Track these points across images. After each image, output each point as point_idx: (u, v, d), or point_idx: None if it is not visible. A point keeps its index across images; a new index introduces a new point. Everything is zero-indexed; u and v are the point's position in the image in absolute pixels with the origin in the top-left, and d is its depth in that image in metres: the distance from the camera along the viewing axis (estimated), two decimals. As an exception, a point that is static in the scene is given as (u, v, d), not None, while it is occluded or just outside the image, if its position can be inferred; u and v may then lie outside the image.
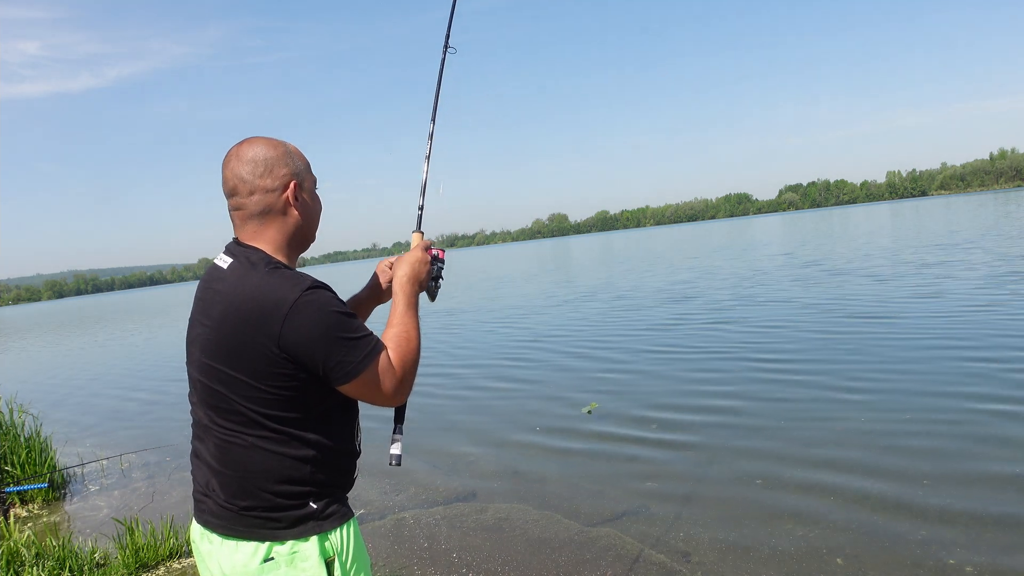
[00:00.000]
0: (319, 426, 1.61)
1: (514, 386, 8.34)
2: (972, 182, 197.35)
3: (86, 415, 10.03)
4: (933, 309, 9.97)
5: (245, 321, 1.51)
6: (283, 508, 1.57)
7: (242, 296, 1.53)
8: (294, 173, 1.67)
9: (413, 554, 4.14)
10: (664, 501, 4.48)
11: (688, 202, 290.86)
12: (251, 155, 1.64)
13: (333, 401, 1.63)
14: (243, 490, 1.57)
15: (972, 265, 14.54)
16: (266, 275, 1.55)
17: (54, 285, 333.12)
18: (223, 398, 1.56)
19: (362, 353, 1.57)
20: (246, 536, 1.56)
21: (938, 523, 3.74)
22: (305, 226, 1.72)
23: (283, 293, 1.51)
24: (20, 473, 6.00)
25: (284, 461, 1.57)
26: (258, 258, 1.60)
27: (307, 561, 1.56)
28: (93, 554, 4.22)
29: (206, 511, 1.62)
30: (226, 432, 1.58)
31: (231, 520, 1.58)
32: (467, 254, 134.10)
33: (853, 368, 7.11)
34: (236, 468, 1.58)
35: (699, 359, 8.53)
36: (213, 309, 1.57)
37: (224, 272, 1.60)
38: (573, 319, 13.84)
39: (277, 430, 1.56)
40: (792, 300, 12.62)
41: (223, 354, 1.55)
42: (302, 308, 1.51)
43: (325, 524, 1.60)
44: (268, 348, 1.50)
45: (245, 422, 1.56)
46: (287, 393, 1.54)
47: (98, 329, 31.59)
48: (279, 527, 1.56)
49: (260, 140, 1.67)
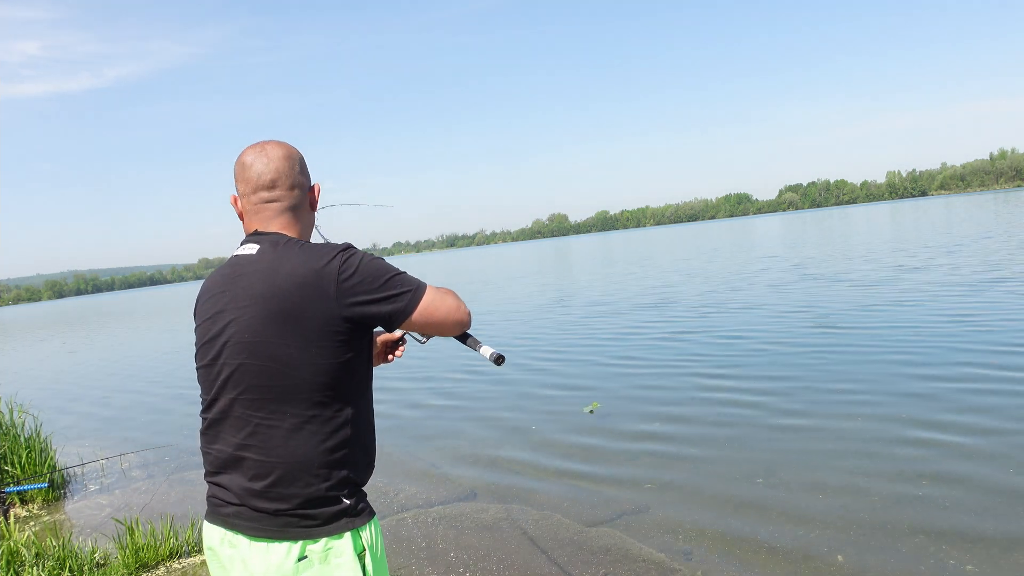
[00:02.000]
0: (355, 401, 1.65)
1: (514, 387, 8.34)
2: (972, 182, 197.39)
3: (86, 415, 10.03)
4: (921, 314, 9.96)
5: (301, 286, 1.56)
6: (320, 502, 1.57)
7: (290, 265, 1.59)
8: (308, 180, 1.81)
9: (412, 554, 4.14)
10: (664, 501, 4.48)
11: (688, 202, 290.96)
12: (285, 152, 1.74)
13: (366, 373, 1.70)
14: (285, 480, 1.56)
15: (954, 268, 14.54)
16: (304, 247, 1.64)
17: (54, 285, 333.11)
18: (273, 373, 1.57)
19: (414, 281, 1.67)
20: (279, 537, 1.55)
21: (938, 523, 3.74)
22: (310, 224, 1.83)
23: (328, 256, 1.60)
24: (20, 473, 6.01)
25: (326, 442, 1.58)
26: (288, 238, 1.69)
27: (341, 556, 1.57)
28: (93, 554, 4.22)
29: (232, 513, 1.60)
30: (270, 416, 1.57)
31: (264, 521, 1.56)
32: (467, 254, 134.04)
33: (853, 369, 7.11)
34: (279, 454, 1.56)
35: (700, 359, 8.52)
36: (254, 288, 1.60)
37: (255, 256, 1.65)
38: (556, 323, 13.84)
39: (321, 403, 1.58)
40: (777, 304, 12.62)
41: (276, 324, 1.56)
42: (350, 263, 1.60)
43: (357, 520, 1.61)
44: (326, 306, 1.56)
45: (293, 399, 1.57)
46: (338, 358, 1.59)
47: (98, 329, 31.59)
48: (313, 525, 1.56)
49: (279, 142, 1.76)
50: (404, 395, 8.45)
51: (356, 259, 1.62)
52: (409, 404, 7.99)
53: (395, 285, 1.63)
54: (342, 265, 1.59)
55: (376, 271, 1.62)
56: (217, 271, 1.71)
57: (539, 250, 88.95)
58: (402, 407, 7.89)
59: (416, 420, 7.27)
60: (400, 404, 8.04)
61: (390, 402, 8.16)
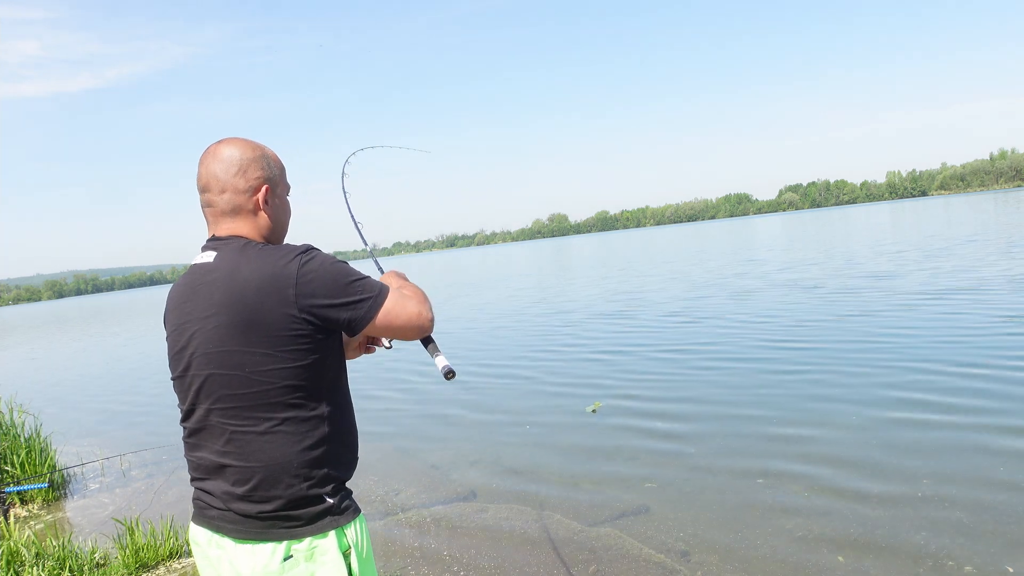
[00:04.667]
0: (330, 398, 1.64)
1: (517, 384, 8.34)
2: (972, 182, 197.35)
3: (86, 415, 10.03)
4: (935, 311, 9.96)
5: (259, 292, 1.54)
6: (303, 503, 1.58)
7: (247, 272, 1.57)
8: (267, 178, 1.71)
9: (412, 553, 4.14)
10: (664, 501, 4.48)
11: (688, 202, 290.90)
12: (227, 154, 1.68)
13: (339, 371, 1.69)
14: (269, 482, 1.56)
15: (938, 273, 14.54)
16: (261, 251, 1.61)
17: (54, 285, 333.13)
18: (241, 381, 1.56)
19: (376, 287, 1.64)
20: (264, 538, 1.57)
21: (938, 523, 3.74)
22: (274, 229, 1.74)
23: (286, 259, 1.57)
24: (20, 473, 6.01)
25: (304, 442, 1.58)
26: (244, 242, 1.65)
27: (326, 555, 1.58)
28: (93, 554, 4.22)
29: (217, 516, 1.61)
30: (243, 423, 1.58)
31: (247, 523, 1.58)
32: (466, 254, 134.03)
33: (852, 370, 7.11)
34: (258, 459, 1.57)
35: (701, 359, 8.53)
36: (214, 296, 1.58)
37: (213, 264, 1.62)
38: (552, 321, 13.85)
39: (294, 405, 1.58)
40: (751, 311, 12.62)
41: (239, 333, 1.55)
42: (308, 267, 1.57)
43: (341, 519, 1.62)
44: (285, 312, 1.54)
45: (264, 405, 1.56)
46: (305, 360, 1.57)
47: (98, 329, 31.57)
48: (297, 524, 1.58)
49: (238, 140, 1.71)
50: (403, 394, 8.45)
51: (315, 262, 1.58)
52: (409, 404, 7.99)
53: (355, 291, 1.60)
54: (300, 268, 1.56)
55: (336, 275, 1.59)
56: (179, 280, 1.70)
57: (536, 250, 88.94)
58: (402, 407, 7.89)
59: (416, 420, 7.27)
60: (400, 404, 8.04)
61: (390, 402, 8.16)
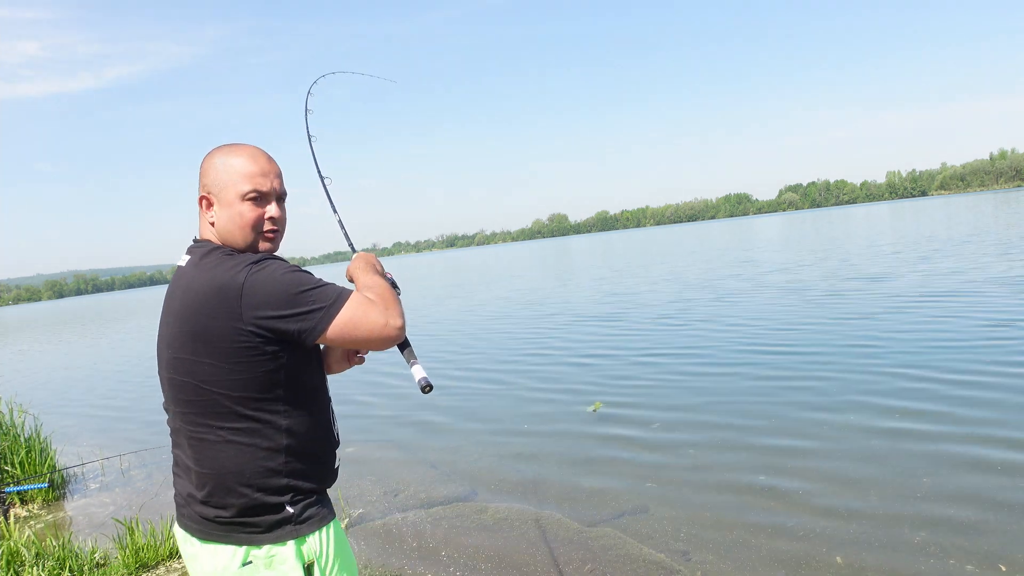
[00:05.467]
0: (291, 409, 1.60)
1: (517, 384, 8.34)
2: (972, 182, 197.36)
3: (86, 415, 10.02)
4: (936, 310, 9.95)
5: (205, 303, 1.53)
6: (260, 510, 1.57)
7: (200, 282, 1.57)
8: (209, 185, 1.69)
9: (411, 553, 4.14)
10: (664, 501, 4.48)
11: (688, 202, 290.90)
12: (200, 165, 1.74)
13: (305, 379, 1.64)
14: (223, 489, 1.57)
15: (932, 275, 14.53)
16: (218, 260, 1.59)
17: (54, 285, 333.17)
18: (193, 389, 1.57)
19: (331, 296, 1.56)
20: (224, 540, 1.58)
21: (938, 523, 3.74)
22: (223, 235, 1.68)
23: (235, 270, 1.54)
24: (20, 473, 6.01)
25: (258, 452, 1.57)
26: (211, 248, 1.65)
27: (285, 564, 1.57)
28: (93, 554, 4.22)
29: (186, 516, 1.65)
30: (198, 429, 1.59)
31: (208, 525, 1.59)
32: (465, 254, 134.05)
33: (853, 371, 7.11)
34: (212, 466, 1.58)
35: (702, 360, 8.53)
36: (175, 303, 1.60)
37: (184, 268, 1.65)
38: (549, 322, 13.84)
39: (248, 416, 1.56)
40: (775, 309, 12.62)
41: (188, 343, 1.56)
42: (255, 277, 1.53)
43: (302, 528, 1.60)
44: (232, 326, 1.51)
45: (216, 414, 1.56)
46: (256, 371, 1.54)
47: (98, 329, 31.58)
48: (256, 531, 1.57)
49: (214, 149, 1.73)
50: (403, 394, 8.45)
51: (264, 273, 1.54)
52: (408, 403, 7.99)
53: (305, 301, 1.54)
54: (247, 280, 1.52)
55: (285, 285, 1.53)
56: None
57: (536, 250, 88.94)
58: (401, 406, 7.89)
59: (415, 420, 7.26)
60: (399, 403, 8.04)
61: (390, 402, 8.16)
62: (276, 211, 1.71)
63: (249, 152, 1.69)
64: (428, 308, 20.27)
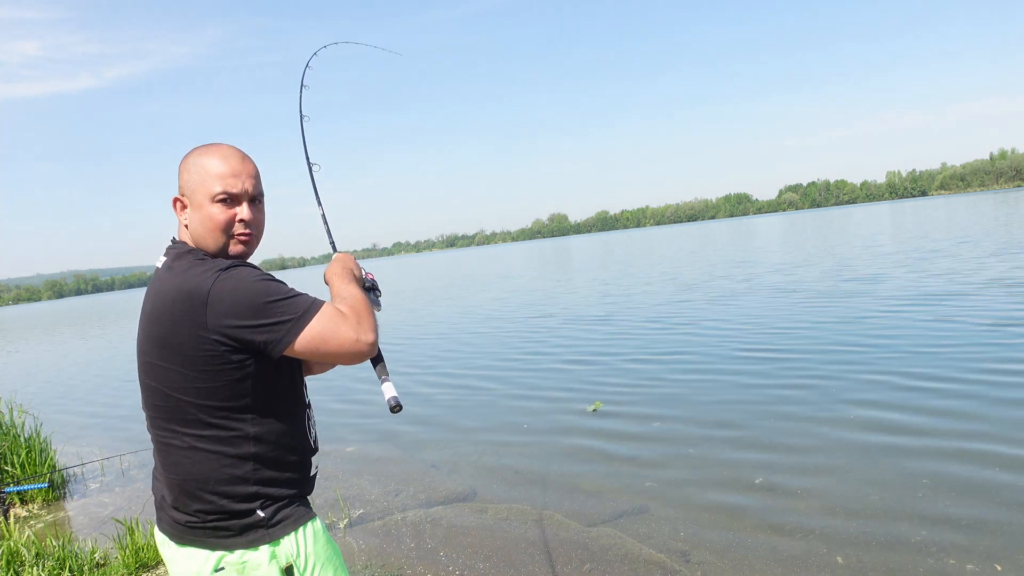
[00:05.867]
0: (260, 417, 1.56)
1: (517, 384, 8.34)
2: (972, 182, 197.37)
3: (86, 415, 10.03)
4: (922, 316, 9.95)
5: (172, 311, 1.50)
6: (230, 515, 1.54)
7: (167, 287, 1.54)
8: (182, 187, 1.66)
9: (411, 553, 4.14)
10: (664, 501, 4.48)
11: (688, 202, 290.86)
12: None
13: (276, 387, 1.60)
14: (187, 495, 1.55)
15: (927, 276, 14.53)
16: (189, 264, 1.56)
17: (54, 285, 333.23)
18: (160, 394, 1.55)
19: (300, 307, 1.51)
20: (197, 544, 1.56)
21: (938, 523, 3.74)
22: (195, 238, 1.64)
23: (203, 277, 1.50)
24: (20, 473, 6.01)
25: (223, 460, 1.53)
26: (184, 251, 1.61)
27: (258, 570, 1.54)
28: (93, 554, 4.22)
29: (163, 519, 1.63)
30: (165, 434, 1.57)
31: (181, 529, 1.58)
32: (465, 254, 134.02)
33: (850, 371, 7.11)
34: (177, 472, 1.56)
35: (703, 361, 8.53)
36: (146, 307, 1.59)
37: (159, 272, 1.63)
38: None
39: (213, 424, 1.52)
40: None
41: (155, 347, 1.54)
42: (223, 285, 1.49)
43: (275, 531, 1.56)
44: (197, 334, 1.48)
45: (182, 420, 1.53)
46: (222, 380, 1.51)
47: (98, 329, 31.58)
48: (227, 535, 1.54)
49: (191, 150, 1.69)
50: (402, 394, 8.44)
51: (232, 281, 1.49)
52: (408, 403, 7.99)
53: (273, 312, 1.48)
54: (213, 286, 1.48)
55: (252, 294, 1.49)
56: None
57: (535, 250, 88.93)
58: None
59: (415, 419, 7.26)
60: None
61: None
62: (248, 213, 1.64)
63: (221, 152, 1.64)
64: (429, 307, 20.27)
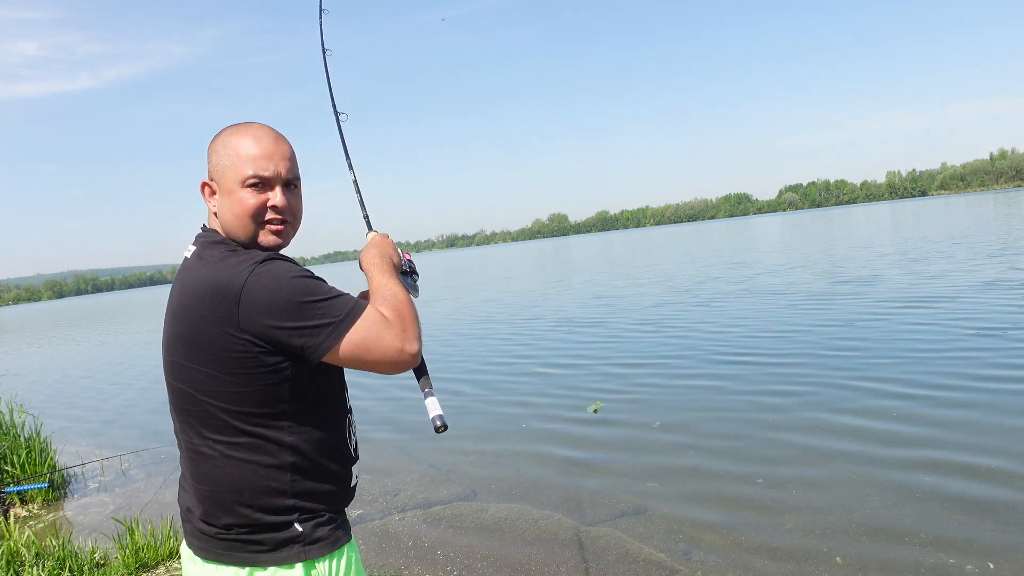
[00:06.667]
0: (297, 425, 1.43)
1: (517, 384, 8.34)
2: (972, 182, 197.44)
3: (86, 415, 10.02)
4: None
5: (199, 306, 1.37)
6: (264, 528, 1.42)
7: (196, 280, 1.41)
8: (211, 170, 1.52)
9: (409, 553, 4.14)
10: (664, 501, 4.48)
11: (688, 202, 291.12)
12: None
13: (315, 392, 1.47)
14: (218, 507, 1.43)
15: (921, 278, 14.53)
16: (222, 256, 1.43)
17: (54, 285, 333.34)
18: (188, 397, 1.42)
19: (341, 310, 1.38)
20: (226, 560, 1.43)
21: (938, 523, 3.74)
22: (224, 226, 1.51)
23: (236, 270, 1.37)
24: (20, 473, 6.01)
25: (259, 471, 1.41)
26: (215, 240, 1.49)
27: None
28: (93, 554, 4.22)
29: (188, 532, 1.52)
30: (194, 441, 1.44)
31: (209, 542, 1.45)
32: (465, 254, 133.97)
33: (850, 371, 7.11)
34: (208, 483, 1.44)
35: (705, 361, 8.53)
36: (173, 301, 1.45)
37: (188, 261, 1.49)
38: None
39: (247, 432, 1.40)
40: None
41: (184, 347, 1.41)
42: (258, 281, 1.35)
43: (312, 550, 1.43)
44: (227, 332, 1.35)
45: (212, 426, 1.41)
46: (257, 384, 1.38)
47: (98, 329, 31.58)
48: (260, 550, 1.42)
49: (222, 130, 1.55)
50: (403, 394, 8.44)
51: (267, 277, 1.36)
52: (408, 403, 7.98)
53: (311, 314, 1.36)
54: (247, 281, 1.35)
55: (291, 293, 1.35)
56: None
57: (534, 250, 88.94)
58: (401, 406, 7.89)
59: (415, 419, 7.26)
60: (400, 403, 8.04)
61: (389, 400, 8.16)
62: (281, 199, 1.49)
63: (254, 132, 1.50)
64: (429, 306, 20.26)
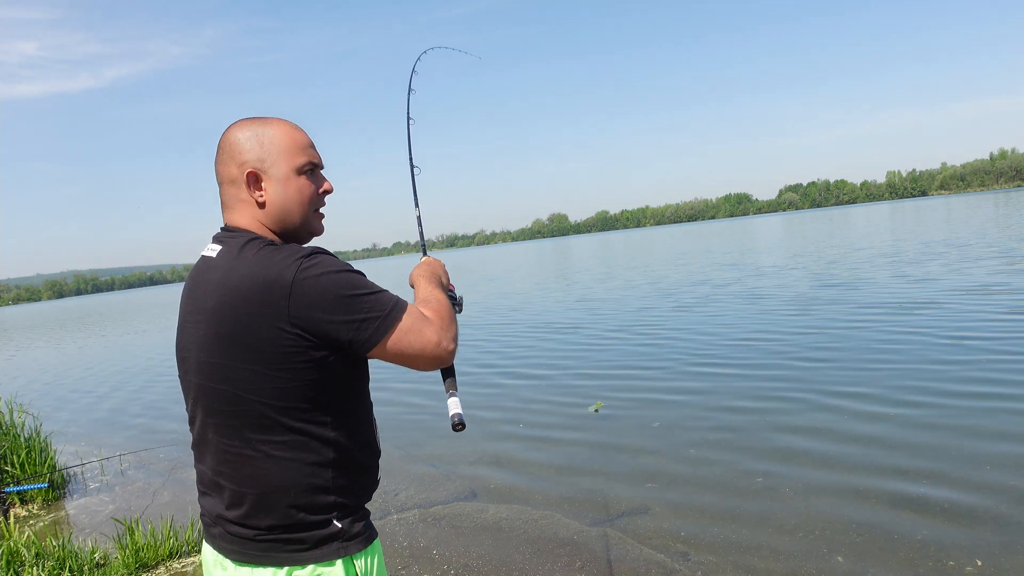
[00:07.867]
0: (338, 418, 1.46)
1: (517, 384, 8.35)
2: (972, 182, 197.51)
3: (86, 415, 10.03)
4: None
5: (246, 302, 1.36)
6: (306, 527, 1.43)
7: (239, 277, 1.39)
8: (255, 160, 1.50)
9: (402, 553, 4.13)
10: (664, 501, 4.48)
11: (688, 202, 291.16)
12: (221, 142, 1.54)
13: (352, 386, 1.50)
14: (263, 509, 1.42)
15: (916, 280, 14.53)
16: (261, 251, 1.42)
17: (54, 285, 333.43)
18: (231, 399, 1.41)
19: (387, 305, 1.42)
20: (263, 561, 1.43)
21: (939, 522, 3.74)
22: (276, 220, 1.52)
23: (283, 264, 1.37)
24: (20, 473, 6.01)
25: (303, 469, 1.42)
26: (249, 238, 1.47)
27: None
28: (93, 554, 4.22)
29: (217, 535, 1.49)
30: (234, 443, 1.43)
31: (245, 545, 1.44)
32: (464, 254, 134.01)
33: (849, 371, 7.11)
34: (253, 485, 1.42)
35: (703, 361, 8.53)
36: (208, 301, 1.42)
37: (215, 260, 1.46)
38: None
39: (294, 428, 1.41)
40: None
41: (226, 346, 1.39)
42: (307, 275, 1.36)
43: (351, 546, 1.45)
44: (277, 327, 1.35)
45: (255, 426, 1.41)
46: (304, 378, 1.39)
47: (98, 329, 31.58)
48: (300, 549, 1.42)
49: (239, 122, 1.55)
50: (402, 392, 8.45)
51: (316, 269, 1.37)
52: (408, 403, 7.99)
53: (359, 307, 1.38)
54: (297, 275, 1.36)
55: (339, 286, 1.38)
56: (193, 268, 1.56)
57: (534, 251, 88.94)
58: (401, 405, 7.89)
59: (414, 418, 7.27)
60: (399, 402, 8.04)
61: (389, 400, 8.16)
62: (329, 183, 1.59)
63: (284, 123, 1.54)
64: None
